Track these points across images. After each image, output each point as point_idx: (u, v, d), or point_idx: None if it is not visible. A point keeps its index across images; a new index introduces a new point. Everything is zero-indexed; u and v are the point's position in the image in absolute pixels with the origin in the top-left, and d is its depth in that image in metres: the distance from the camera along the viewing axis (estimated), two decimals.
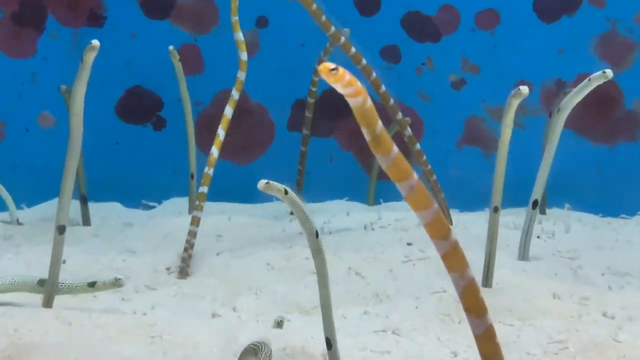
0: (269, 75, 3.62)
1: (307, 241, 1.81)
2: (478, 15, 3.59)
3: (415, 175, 1.27)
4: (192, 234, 2.64)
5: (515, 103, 2.28)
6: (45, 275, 2.21)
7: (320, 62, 3.27)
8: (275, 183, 1.72)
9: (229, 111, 2.74)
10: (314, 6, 2.74)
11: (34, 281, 2.22)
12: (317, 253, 1.85)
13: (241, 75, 2.78)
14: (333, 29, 2.81)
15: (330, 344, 1.75)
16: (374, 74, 2.94)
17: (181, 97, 3.26)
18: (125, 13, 3.59)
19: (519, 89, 2.23)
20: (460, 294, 1.32)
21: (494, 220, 2.34)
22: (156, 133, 3.68)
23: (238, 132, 3.63)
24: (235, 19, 2.77)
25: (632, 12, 3.54)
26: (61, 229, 2.16)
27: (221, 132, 2.71)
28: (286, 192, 1.86)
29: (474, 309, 1.32)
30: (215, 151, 2.69)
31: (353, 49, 2.89)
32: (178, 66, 3.20)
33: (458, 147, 3.66)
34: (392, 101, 2.99)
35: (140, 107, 3.66)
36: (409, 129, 3.05)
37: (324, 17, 2.78)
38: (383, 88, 2.97)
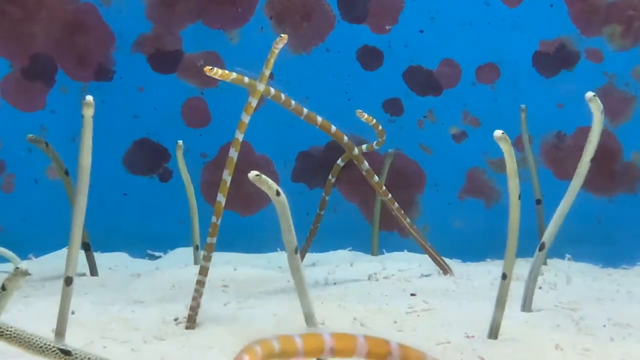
0: (273, 128, 3.68)
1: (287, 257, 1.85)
2: (479, 69, 3.66)
3: None
4: (201, 284, 2.65)
5: None
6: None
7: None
8: (268, 179, 1.81)
9: (233, 153, 2.72)
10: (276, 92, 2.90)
11: None
12: (296, 271, 1.88)
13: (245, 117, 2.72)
14: (294, 103, 2.91)
15: None
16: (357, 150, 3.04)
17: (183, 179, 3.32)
18: (134, 67, 3.66)
19: None
20: None
21: (505, 287, 2.36)
22: (162, 184, 3.73)
23: (242, 184, 3.68)
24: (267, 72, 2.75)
25: (629, 67, 3.62)
26: (69, 281, 2.21)
27: (227, 177, 2.69)
28: (278, 194, 1.91)
29: None
30: (221, 199, 2.68)
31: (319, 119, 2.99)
32: None
33: (460, 199, 3.71)
34: (345, 139, 3.04)
35: (147, 158, 3.71)
36: (384, 192, 3.10)
37: (283, 97, 2.88)
38: (345, 139, 3.03)
